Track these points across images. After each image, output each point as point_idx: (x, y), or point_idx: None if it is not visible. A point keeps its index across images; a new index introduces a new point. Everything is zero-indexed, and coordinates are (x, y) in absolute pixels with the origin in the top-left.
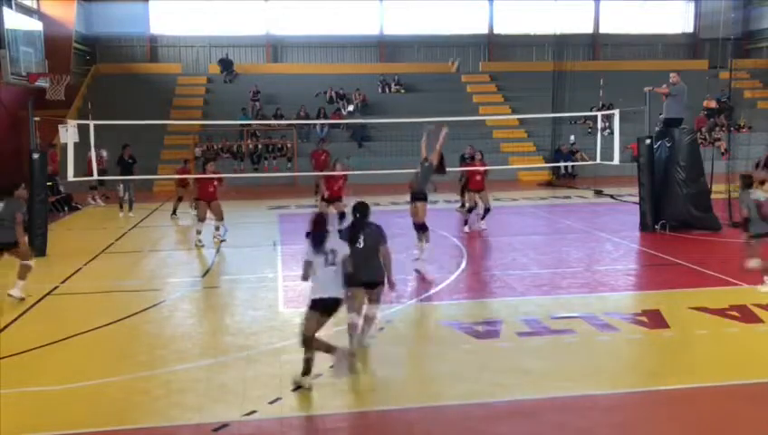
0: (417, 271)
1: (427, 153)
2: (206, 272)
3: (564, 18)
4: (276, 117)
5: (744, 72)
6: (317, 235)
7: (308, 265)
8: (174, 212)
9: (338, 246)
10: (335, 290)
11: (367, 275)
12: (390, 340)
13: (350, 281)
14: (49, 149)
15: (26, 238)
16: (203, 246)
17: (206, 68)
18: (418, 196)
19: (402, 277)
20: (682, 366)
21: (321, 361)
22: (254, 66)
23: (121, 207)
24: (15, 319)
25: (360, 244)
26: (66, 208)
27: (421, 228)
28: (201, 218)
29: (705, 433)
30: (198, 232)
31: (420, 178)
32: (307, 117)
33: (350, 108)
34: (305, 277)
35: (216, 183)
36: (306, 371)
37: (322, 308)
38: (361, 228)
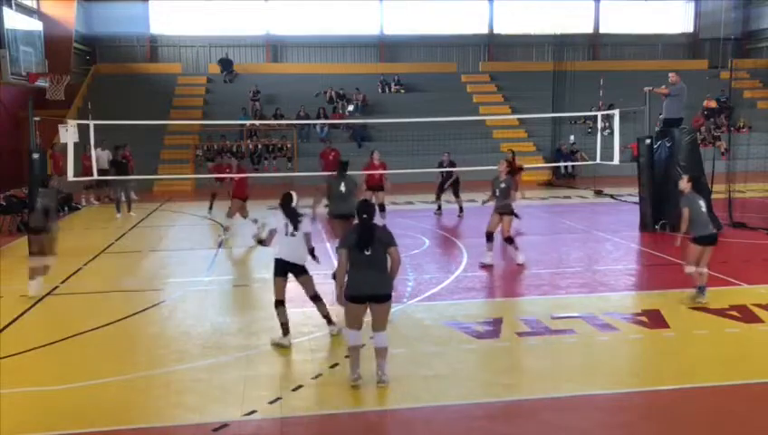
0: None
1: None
2: (206, 272)
3: (564, 18)
4: (276, 117)
5: (744, 72)
6: (286, 209)
7: (273, 233)
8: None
9: (303, 221)
10: (297, 257)
11: (374, 287)
12: (390, 340)
13: (352, 293)
14: (51, 150)
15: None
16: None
17: (206, 68)
18: (503, 210)
19: (402, 278)
20: (682, 366)
21: (322, 360)
22: (254, 66)
23: (118, 208)
24: (15, 319)
25: (369, 251)
26: (66, 208)
27: (508, 241)
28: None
29: (704, 433)
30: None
31: (500, 195)
32: (307, 117)
33: (350, 108)
34: (268, 243)
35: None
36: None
37: (284, 271)
38: (371, 232)
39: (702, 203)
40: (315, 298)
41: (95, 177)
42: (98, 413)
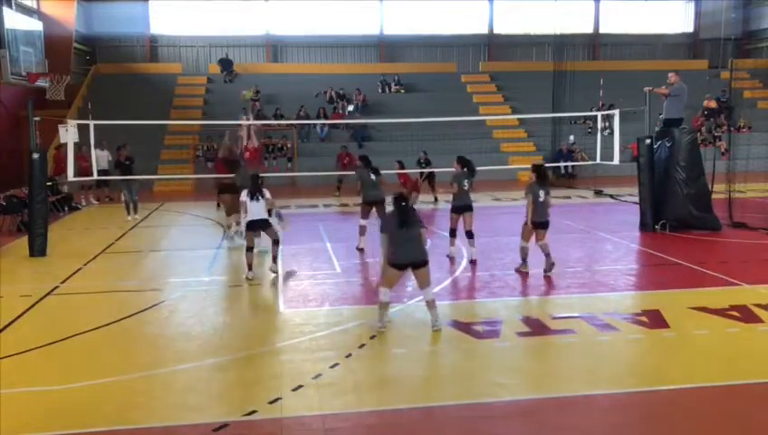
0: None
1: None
2: (206, 272)
3: (564, 18)
4: (276, 117)
5: (744, 72)
6: (253, 187)
7: (243, 204)
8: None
9: (264, 192)
10: (260, 215)
11: (415, 255)
12: (390, 340)
13: (396, 260)
14: (55, 150)
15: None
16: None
17: (206, 68)
18: (468, 207)
19: (402, 277)
20: (682, 366)
21: (322, 360)
22: (254, 66)
23: (128, 210)
24: (15, 319)
25: (409, 227)
26: (66, 208)
27: (468, 235)
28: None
29: (704, 433)
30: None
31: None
32: (307, 117)
33: (350, 108)
34: (244, 211)
35: None
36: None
37: (254, 227)
38: (409, 214)
39: (542, 193)
40: (276, 242)
41: (95, 177)
42: (98, 413)
